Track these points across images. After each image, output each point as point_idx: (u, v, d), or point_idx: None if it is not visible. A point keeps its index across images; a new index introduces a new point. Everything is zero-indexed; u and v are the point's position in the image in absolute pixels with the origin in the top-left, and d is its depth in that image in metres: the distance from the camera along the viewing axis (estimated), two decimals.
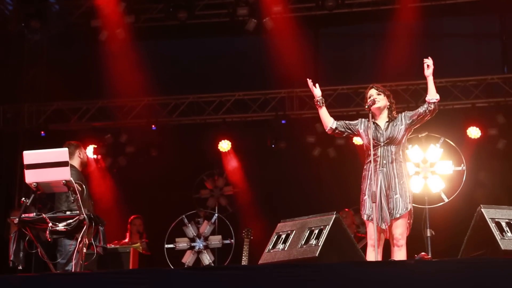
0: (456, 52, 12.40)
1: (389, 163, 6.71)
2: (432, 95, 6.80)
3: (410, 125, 6.84)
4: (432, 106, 6.77)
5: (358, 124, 6.96)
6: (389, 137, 6.75)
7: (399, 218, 6.64)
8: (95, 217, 6.87)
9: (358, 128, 6.94)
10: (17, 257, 6.79)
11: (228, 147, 12.33)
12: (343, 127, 7.00)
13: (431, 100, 6.78)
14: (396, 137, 6.76)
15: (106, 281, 5.45)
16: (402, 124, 6.81)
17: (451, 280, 5.14)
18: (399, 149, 6.78)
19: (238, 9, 11.98)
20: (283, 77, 11.89)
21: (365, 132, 6.87)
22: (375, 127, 6.82)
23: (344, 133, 7.05)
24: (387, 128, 6.80)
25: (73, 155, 7.84)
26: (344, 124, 7.01)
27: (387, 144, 6.74)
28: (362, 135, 6.92)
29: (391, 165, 6.71)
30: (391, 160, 6.72)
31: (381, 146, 6.73)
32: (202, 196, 12.29)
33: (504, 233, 6.30)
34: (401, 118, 6.85)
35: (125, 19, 12.07)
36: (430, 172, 9.11)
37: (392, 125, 6.81)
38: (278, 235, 6.56)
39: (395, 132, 6.77)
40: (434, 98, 6.78)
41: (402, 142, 6.81)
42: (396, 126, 6.80)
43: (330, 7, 11.80)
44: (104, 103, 12.67)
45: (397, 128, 6.79)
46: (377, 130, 6.80)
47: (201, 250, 10.19)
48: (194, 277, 5.40)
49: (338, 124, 7.00)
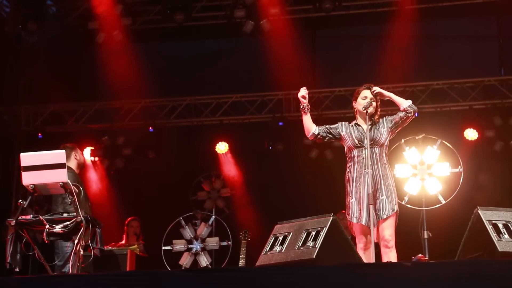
0: (453, 54, 12.42)
1: (374, 164, 6.78)
2: (404, 103, 6.91)
3: (391, 129, 6.94)
4: (410, 109, 6.87)
5: (338, 127, 7.03)
6: (373, 139, 6.83)
7: (386, 219, 6.70)
8: (92, 219, 6.87)
9: (339, 131, 7.00)
10: (14, 259, 6.78)
11: (226, 149, 12.34)
12: (325, 132, 7.03)
13: (406, 107, 6.88)
14: (380, 139, 6.85)
15: (103, 283, 5.45)
16: (384, 127, 6.91)
17: (448, 282, 5.14)
18: (383, 151, 6.89)
19: (235, 11, 11.98)
20: (281, 79, 11.89)
21: (347, 134, 6.93)
22: (357, 129, 6.91)
23: (325, 138, 7.06)
24: (370, 130, 6.87)
25: (69, 157, 7.87)
26: (325, 129, 7.05)
27: (371, 146, 6.80)
28: (344, 137, 6.96)
29: (376, 166, 6.79)
30: (376, 161, 6.80)
31: (365, 148, 6.78)
32: (199, 198, 12.28)
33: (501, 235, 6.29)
34: (383, 122, 6.95)
35: (122, 21, 12.07)
36: (427, 174, 9.11)
37: (375, 128, 6.90)
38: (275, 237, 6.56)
39: (378, 134, 6.87)
40: (407, 104, 6.90)
41: (385, 145, 6.92)
42: (379, 129, 6.90)
43: (327, 9, 11.80)
44: (101, 105, 12.67)
45: (380, 131, 6.89)
46: (361, 132, 6.86)
47: (198, 252, 10.19)
48: (191, 279, 5.40)
49: (320, 130, 7.03)
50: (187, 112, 12.61)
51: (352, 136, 6.91)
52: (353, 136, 6.90)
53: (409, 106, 6.88)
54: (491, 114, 11.80)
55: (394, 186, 6.86)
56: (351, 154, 6.89)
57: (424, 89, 12.06)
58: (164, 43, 13.32)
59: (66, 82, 12.07)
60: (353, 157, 6.87)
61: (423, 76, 12.06)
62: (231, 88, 12.53)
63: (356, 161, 6.84)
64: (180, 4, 12.13)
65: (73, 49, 12.62)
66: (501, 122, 11.67)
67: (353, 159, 6.87)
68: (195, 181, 12.34)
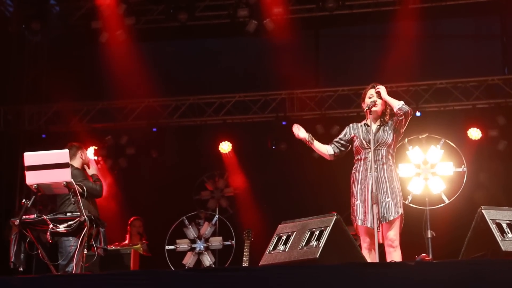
0: (457, 53, 12.41)
1: (379, 166, 6.76)
2: (395, 106, 6.82)
3: (394, 130, 6.89)
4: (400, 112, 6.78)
5: (347, 132, 7.04)
6: (379, 141, 6.80)
7: (391, 222, 6.70)
8: (95, 219, 6.88)
9: (349, 136, 7.00)
10: (18, 258, 6.80)
11: (229, 149, 12.33)
12: (338, 148, 7.07)
13: (396, 110, 6.78)
14: (386, 140, 6.83)
15: (106, 282, 5.45)
16: (390, 128, 6.89)
17: (452, 281, 5.13)
18: (389, 153, 6.85)
19: (238, 11, 11.98)
20: (284, 78, 11.88)
21: (356, 134, 6.94)
22: (366, 129, 6.89)
23: (343, 152, 7.09)
24: (377, 131, 6.85)
25: (75, 156, 7.86)
26: (337, 143, 7.07)
27: (377, 148, 6.78)
28: (353, 138, 6.97)
29: (382, 168, 6.76)
30: (381, 163, 6.78)
31: (371, 149, 6.75)
32: (202, 198, 12.28)
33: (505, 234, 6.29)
34: (390, 123, 6.92)
35: (125, 20, 12.07)
36: (430, 173, 9.11)
37: (382, 129, 6.89)
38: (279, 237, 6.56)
39: (384, 136, 6.84)
40: (398, 107, 6.79)
41: (392, 146, 6.88)
42: (385, 130, 6.88)
43: (331, 8, 11.79)
44: (104, 105, 12.67)
45: (386, 132, 6.86)
46: (368, 133, 6.84)
47: (201, 251, 10.20)
48: (195, 279, 5.40)
49: (333, 147, 7.06)
50: (190, 112, 12.61)
51: (360, 137, 6.91)
52: (361, 137, 6.89)
53: (399, 108, 6.77)
54: (494, 113, 11.79)
55: (399, 189, 6.84)
56: (359, 155, 6.89)
57: (427, 88, 12.04)
58: (168, 43, 13.32)
59: (69, 82, 12.06)
60: (360, 159, 6.87)
61: (427, 75, 12.05)
62: (234, 87, 12.53)
63: (362, 163, 6.83)
64: (183, 4, 12.13)
65: (76, 48, 12.63)
66: (504, 122, 11.66)
67: (360, 160, 6.87)
68: (199, 180, 12.35)
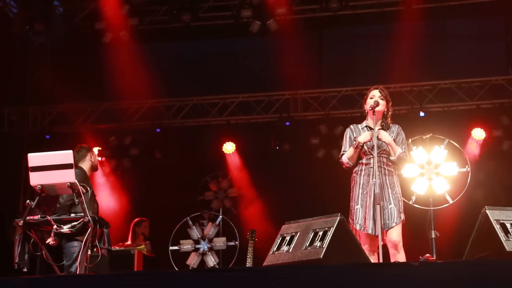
0: (460, 53, 12.40)
1: (382, 171, 6.72)
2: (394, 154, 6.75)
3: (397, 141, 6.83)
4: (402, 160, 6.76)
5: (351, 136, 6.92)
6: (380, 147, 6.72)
7: (394, 227, 6.67)
8: (99, 219, 6.88)
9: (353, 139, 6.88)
10: (22, 259, 6.80)
11: (232, 149, 12.34)
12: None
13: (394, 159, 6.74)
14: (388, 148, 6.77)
15: (110, 283, 5.46)
16: (394, 134, 6.82)
17: (456, 282, 5.13)
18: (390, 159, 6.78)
19: (242, 11, 11.98)
20: (287, 79, 11.88)
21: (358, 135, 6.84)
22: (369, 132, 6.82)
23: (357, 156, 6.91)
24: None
25: (84, 158, 7.83)
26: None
27: (379, 154, 6.72)
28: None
29: (384, 174, 6.73)
30: (383, 170, 6.75)
31: (373, 156, 6.68)
32: (206, 198, 12.29)
33: (509, 235, 6.28)
34: (395, 130, 6.85)
35: (129, 21, 12.08)
36: (434, 173, 9.09)
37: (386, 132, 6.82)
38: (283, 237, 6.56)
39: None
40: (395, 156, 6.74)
41: None
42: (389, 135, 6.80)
43: (334, 8, 11.79)
44: (108, 105, 12.69)
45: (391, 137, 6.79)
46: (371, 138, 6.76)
47: (205, 252, 10.20)
48: (199, 279, 5.41)
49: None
50: (194, 112, 12.62)
51: None
52: None
53: (396, 159, 6.74)
54: (498, 114, 11.78)
55: (400, 194, 6.82)
56: (361, 160, 6.83)
57: (431, 89, 12.03)
58: (171, 43, 13.33)
59: (73, 82, 12.07)
60: (362, 163, 6.81)
61: (431, 76, 12.04)
62: (238, 88, 12.53)
63: (364, 167, 6.78)
64: (187, 4, 12.14)
65: (80, 49, 12.63)
66: (508, 122, 11.65)
67: (362, 165, 6.81)
68: (202, 181, 12.36)
